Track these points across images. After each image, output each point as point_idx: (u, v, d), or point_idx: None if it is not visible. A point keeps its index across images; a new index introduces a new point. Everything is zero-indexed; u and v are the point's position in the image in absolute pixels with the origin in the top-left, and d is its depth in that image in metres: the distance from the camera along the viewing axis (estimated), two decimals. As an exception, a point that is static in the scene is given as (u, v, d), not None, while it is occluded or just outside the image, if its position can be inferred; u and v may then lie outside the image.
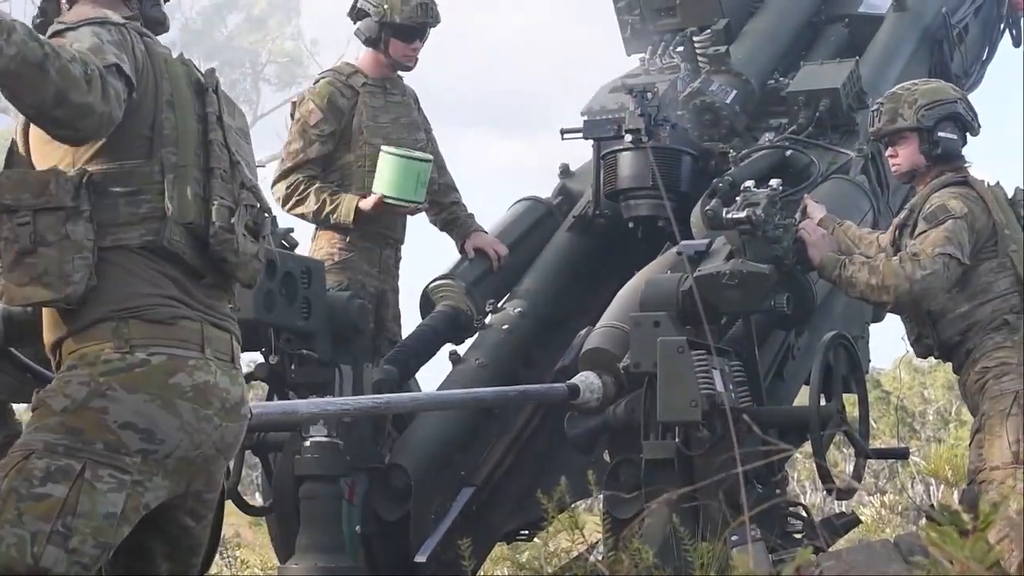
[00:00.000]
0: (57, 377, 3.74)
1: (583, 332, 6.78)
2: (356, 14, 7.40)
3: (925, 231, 6.09)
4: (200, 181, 3.86)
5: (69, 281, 3.68)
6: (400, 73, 7.49)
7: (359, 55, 7.55)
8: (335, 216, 7.11)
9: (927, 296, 6.03)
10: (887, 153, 6.55)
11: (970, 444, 6.11)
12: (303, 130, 7.25)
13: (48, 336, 3.81)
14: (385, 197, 7.04)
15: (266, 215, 4.08)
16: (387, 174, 7.06)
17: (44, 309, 3.81)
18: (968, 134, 6.39)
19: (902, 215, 6.34)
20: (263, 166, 31.31)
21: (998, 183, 6.36)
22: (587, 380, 6.35)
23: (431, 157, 7.24)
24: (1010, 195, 6.38)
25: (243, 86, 34.71)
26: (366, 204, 7.07)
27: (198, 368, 3.77)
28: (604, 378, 6.36)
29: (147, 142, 3.79)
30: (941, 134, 6.29)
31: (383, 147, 7.16)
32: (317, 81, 7.44)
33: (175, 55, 3.95)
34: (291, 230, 6.86)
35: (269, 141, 39.31)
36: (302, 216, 7.18)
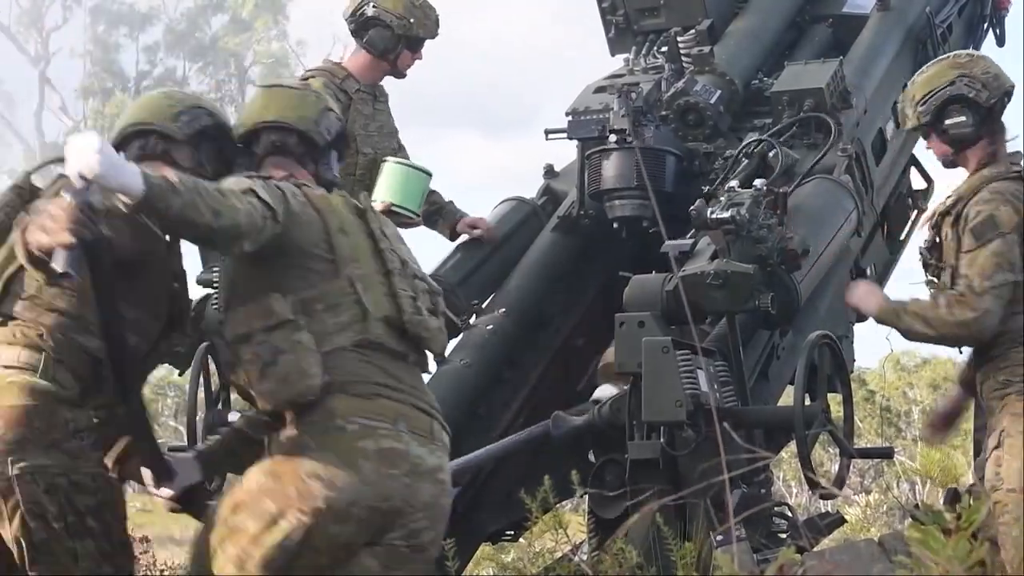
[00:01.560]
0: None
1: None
2: (365, 23, 7.33)
3: (973, 250, 5.68)
4: (383, 282, 4.64)
5: (308, 375, 4.45)
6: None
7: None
8: None
9: (983, 335, 5.62)
10: (926, 146, 6.13)
11: (987, 456, 5.88)
12: None
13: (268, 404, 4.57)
14: (393, 206, 7.00)
15: (439, 296, 4.85)
16: (396, 184, 7.04)
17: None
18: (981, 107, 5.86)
19: (947, 201, 5.88)
20: (248, 167, 31.14)
21: None
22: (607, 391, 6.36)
23: (432, 172, 7.24)
24: None
25: (228, 88, 34.70)
26: None
27: (386, 437, 4.48)
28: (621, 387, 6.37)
29: (332, 265, 4.59)
30: (948, 121, 5.87)
31: (390, 159, 7.13)
32: (307, 78, 7.36)
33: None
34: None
35: (254, 142, 39.06)
36: None
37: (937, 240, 5.89)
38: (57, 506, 4.54)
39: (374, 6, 7.31)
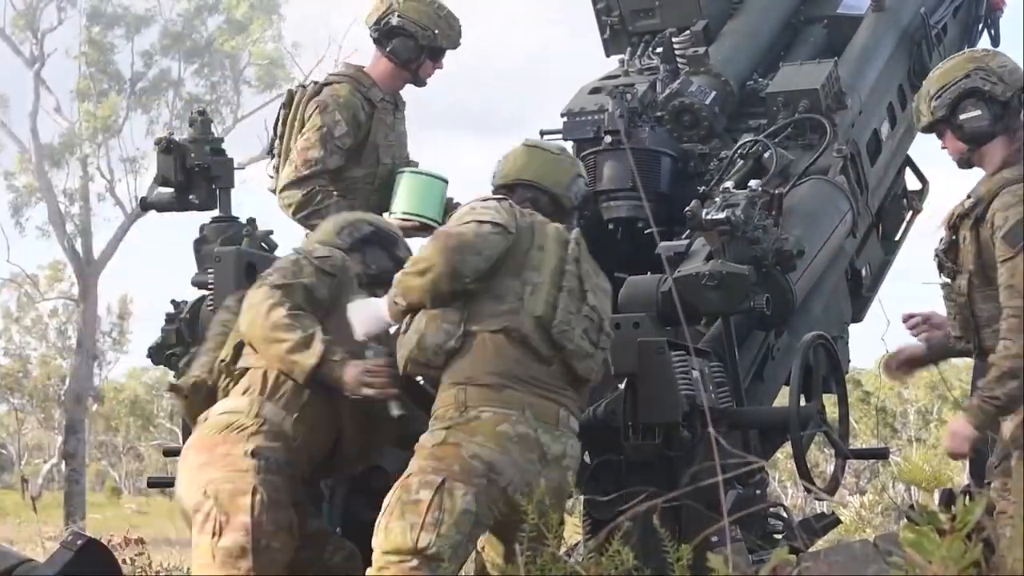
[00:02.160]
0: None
1: None
2: (389, 32, 7.32)
3: (1011, 258, 5.60)
4: (551, 294, 5.28)
5: (420, 333, 5.23)
6: None
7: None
8: None
9: None
10: (940, 146, 6.02)
11: (997, 465, 5.83)
12: (325, 139, 7.10)
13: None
14: (413, 215, 6.96)
15: (607, 335, 5.45)
16: (415, 193, 6.99)
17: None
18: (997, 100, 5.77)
19: (965, 203, 5.80)
20: (243, 168, 31.26)
21: None
22: None
23: (448, 179, 7.20)
24: None
25: (223, 89, 34.69)
26: None
27: (518, 423, 5.15)
28: None
29: (518, 268, 5.29)
30: (962, 116, 5.79)
31: (407, 169, 7.10)
32: (331, 83, 7.32)
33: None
34: (271, 232, 6.84)
35: (249, 143, 39.21)
36: (314, 227, 7.08)
37: (954, 241, 5.84)
38: (207, 513, 5.31)
39: (399, 16, 7.29)
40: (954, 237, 5.80)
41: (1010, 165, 5.78)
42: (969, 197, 5.83)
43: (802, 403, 6.29)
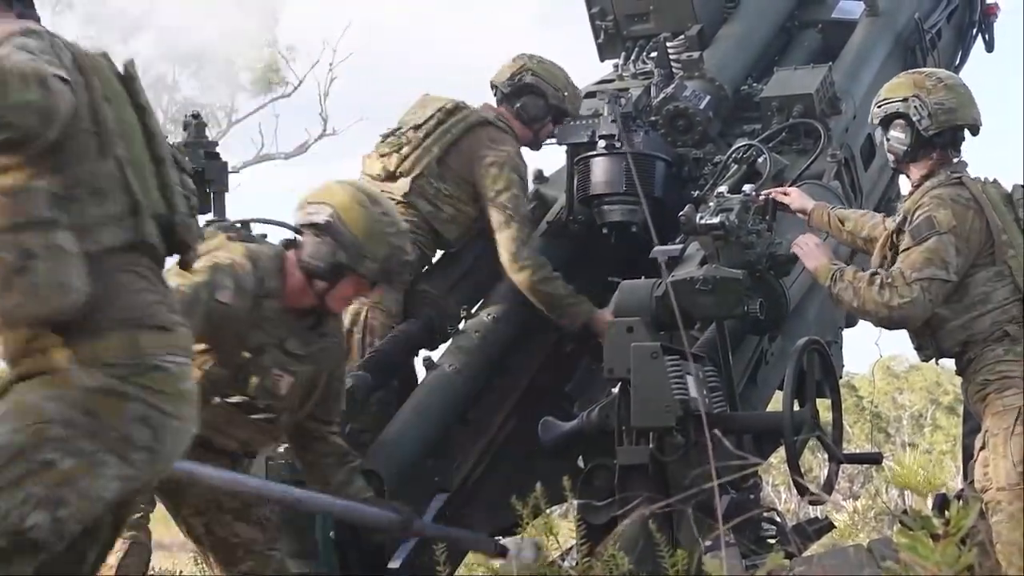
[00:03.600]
0: (68, 367, 3.57)
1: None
2: (520, 89, 7.41)
3: (909, 248, 5.87)
4: (154, 172, 3.75)
5: (68, 291, 3.51)
6: None
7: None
8: (568, 315, 7.10)
9: (907, 322, 5.85)
10: None
11: (975, 458, 5.92)
12: (522, 182, 7.28)
13: (40, 341, 3.61)
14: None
15: (195, 195, 4.06)
16: None
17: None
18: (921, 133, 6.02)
19: (897, 219, 6.07)
20: (237, 171, 31.16)
21: (995, 181, 6.05)
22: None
23: None
24: (1009, 192, 6.04)
25: (218, 92, 34.68)
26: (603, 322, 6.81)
27: (191, 376, 3.75)
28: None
29: (96, 139, 3.61)
30: (891, 133, 6.06)
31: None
32: (502, 130, 7.32)
33: (129, 61, 3.86)
34: (265, 236, 6.84)
35: (244, 147, 39.16)
36: (548, 295, 7.11)
37: (892, 257, 5.98)
38: None
39: (533, 74, 7.38)
40: (894, 253, 5.95)
41: (931, 178, 5.95)
42: (899, 215, 6.07)
43: (796, 408, 6.29)
